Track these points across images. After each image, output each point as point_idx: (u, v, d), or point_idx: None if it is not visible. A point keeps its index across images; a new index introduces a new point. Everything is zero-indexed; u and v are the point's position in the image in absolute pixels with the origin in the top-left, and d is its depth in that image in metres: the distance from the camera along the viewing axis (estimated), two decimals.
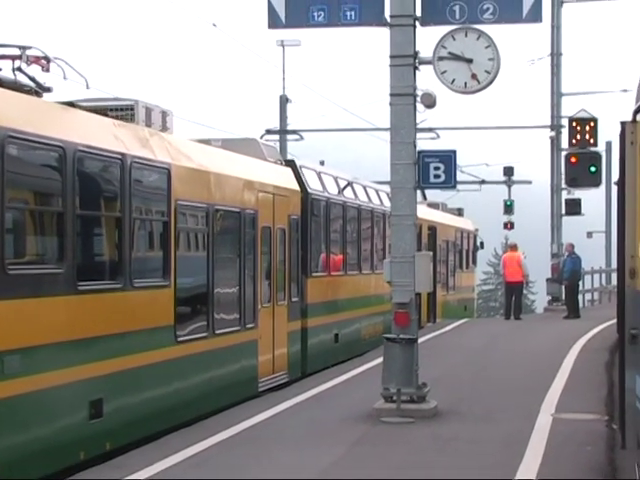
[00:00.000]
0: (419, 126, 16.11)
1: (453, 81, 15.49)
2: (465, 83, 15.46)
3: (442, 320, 34.59)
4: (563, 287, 36.19)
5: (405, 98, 15.30)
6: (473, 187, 45.28)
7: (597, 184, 34.76)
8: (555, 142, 37.14)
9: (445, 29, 15.49)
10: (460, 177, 28.74)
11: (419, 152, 15.66)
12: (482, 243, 46.83)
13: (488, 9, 15.19)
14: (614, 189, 20.34)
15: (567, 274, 34.86)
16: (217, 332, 16.84)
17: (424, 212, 32.19)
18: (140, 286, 14.26)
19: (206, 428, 14.32)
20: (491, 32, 15.46)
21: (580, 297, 39.92)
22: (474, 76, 15.40)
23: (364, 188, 27.81)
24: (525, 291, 50.11)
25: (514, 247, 36.02)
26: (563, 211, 37.95)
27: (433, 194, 38.50)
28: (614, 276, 35.00)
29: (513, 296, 35.44)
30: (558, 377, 19.01)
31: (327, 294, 23.51)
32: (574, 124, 33.41)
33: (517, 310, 35.23)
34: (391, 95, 15.37)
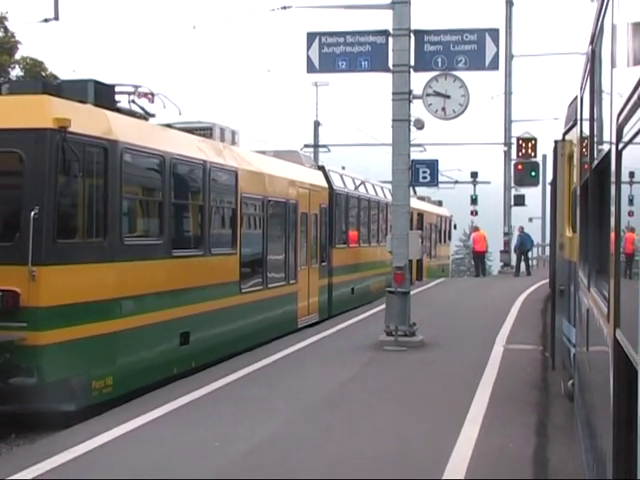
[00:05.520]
0: (412, 142, 16.06)
1: (436, 111, 15.46)
2: (445, 112, 15.44)
3: (427, 279, 34.53)
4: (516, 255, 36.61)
5: (403, 123, 15.25)
6: (449, 185, 44.92)
7: (536, 184, 34.64)
8: (507, 154, 36.84)
9: (431, 74, 15.48)
10: (440, 178, 28.57)
11: (412, 161, 15.66)
12: (455, 225, 46.62)
13: (461, 60, 15.11)
14: (548, 188, 20.29)
15: (516, 246, 35.31)
16: (269, 286, 16.88)
17: (414, 203, 31.96)
18: (216, 253, 14.30)
19: (261, 353, 14.39)
20: (464, 76, 15.50)
21: (524, 264, 39.85)
22: (444, 109, 15.39)
23: (373, 186, 27.73)
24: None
25: (477, 228, 36.49)
26: (512, 203, 37.74)
27: (421, 190, 38.33)
28: (547, 249, 34.84)
29: (480, 261, 36.08)
30: (507, 319, 18.98)
31: (346, 260, 23.48)
32: (520, 142, 33.19)
33: (483, 271, 36.04)
34: (393, 120, 15.32)
